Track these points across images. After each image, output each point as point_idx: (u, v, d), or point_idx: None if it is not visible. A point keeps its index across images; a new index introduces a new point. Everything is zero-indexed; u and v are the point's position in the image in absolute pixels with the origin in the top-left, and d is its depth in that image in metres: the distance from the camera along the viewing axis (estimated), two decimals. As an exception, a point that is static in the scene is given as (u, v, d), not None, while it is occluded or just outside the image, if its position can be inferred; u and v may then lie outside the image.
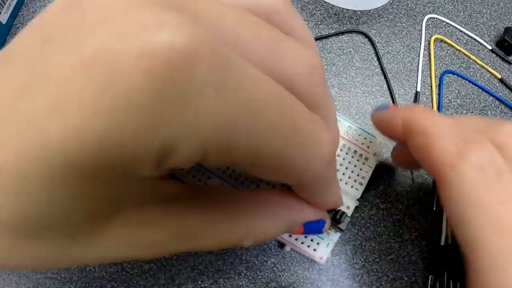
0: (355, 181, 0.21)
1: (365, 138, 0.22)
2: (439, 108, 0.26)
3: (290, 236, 0.20)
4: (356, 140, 0.22)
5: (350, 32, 0.28)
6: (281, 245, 0.22)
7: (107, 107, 0.08)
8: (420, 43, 0.28)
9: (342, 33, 0.28)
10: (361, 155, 0.21)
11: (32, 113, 0.08)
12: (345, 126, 0.22)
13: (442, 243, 0.21)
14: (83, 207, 0.10)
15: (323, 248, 0.20)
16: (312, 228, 0.17)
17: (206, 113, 0.09)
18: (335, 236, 0.20)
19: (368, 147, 0.22)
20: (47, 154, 0.08)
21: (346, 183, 0.21)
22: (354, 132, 0.22)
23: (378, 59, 0.27)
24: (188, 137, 0.09)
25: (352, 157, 0.21)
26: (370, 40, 0.28)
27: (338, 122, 0.22)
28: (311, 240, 0.20)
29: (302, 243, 0.20)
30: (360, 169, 0.21)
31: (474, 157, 0.14)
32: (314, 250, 0.20)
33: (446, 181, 0.14)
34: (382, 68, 0.27)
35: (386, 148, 0.24)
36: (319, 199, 0.16)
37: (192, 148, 0.09)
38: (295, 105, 0.11)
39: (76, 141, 0.08)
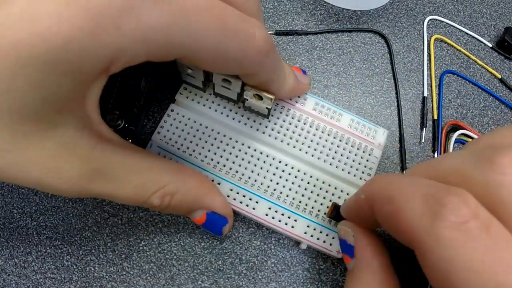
0: (363, 172, 0.22)
1: (369, 129, 0.23)
2: (439, 108, 0.26)
3: (285, 224, 0.21)
4: (361, 132, 0.22)
5: (367, 31, 0.28)
6: (297, 243, 0.22)
7: (70, 17, 0.11)
8: (423, 45, 0.28)
9: (356, 31, 0.28)
10: (366, 146, 0.22)
11: (6, 19, 0.10)
12: (348, 119, 0.22)
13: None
14: (38, 98, 0.12)
15: (338, 241, 0.20)
16: (213, 223, 0.19)
17: (147, 20, 0.12)
18: None
19: (372, 137, 0.22)
20: (16, 50, 0.10)
21: (354, 175, 0.22)
22: (357, 124, 0.23)
23: (391, 59, 0.27)
24: (133, 38, 0.12)
25: (358, 149, 0.22)
26: (385, 39, 0.28)
27: (340, 115, 0.22)
28: (326, 235, 0.21)
29: (318, 239, 0.21)
30: (367, 161, 0.22)
31: (451, 214, 0.12)
32: (331, 245, 0.21)
33: (424, 250, 0.12)
34: (393, 69, 0.27)
35: (390, 135, 0.24)
36: (276, 87, 0.19)
37: (138, 47, 0.12)
38: (226, 9, 0.14)
39: (41, 41, 0.10)
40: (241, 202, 0.20)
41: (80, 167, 0.14)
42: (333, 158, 0.22)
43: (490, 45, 0.28)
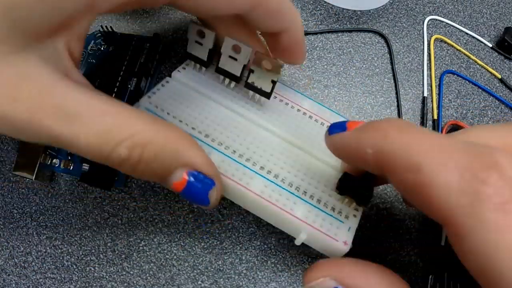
0: None
1: None
2: (439, 108, 0.26)
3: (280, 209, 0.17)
4: None
5: (367, 31, 0.28)
6: (294, 238, 0.19)
7: None
8: (423, 45, 0.28)
9: (356, 31, 0.28)
10: None
11: None
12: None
13: (443, 243, 0.21)
14: (9, 19, 0.11)
15: (343, 231, 0.17)
16: (197, 187, 0.15)
17: None
18: (354, 221, 0.18)
19: None
20: None
21: None
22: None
23: (391, 59, 0.27)
24: None
25: None
26: (385, 39, 0.28)
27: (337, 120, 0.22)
28: (330, 224, 0.17)
29: (321, 226, 0.17)
30: None
31: (494, 193, 0.10)
32: (335, 234, 0.17)
33: (464, 232, 0.11)
34: (393, 69, 0.27)
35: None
36: (279, 21, 0.18)
37: None
38: None
39: None
40: (233, 175, 0.18)
41: (40, 100, 0.12)
42: None
43: (490, 45, 0.28)
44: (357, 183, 0.17)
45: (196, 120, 0.19)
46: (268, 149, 0.19)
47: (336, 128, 0.15)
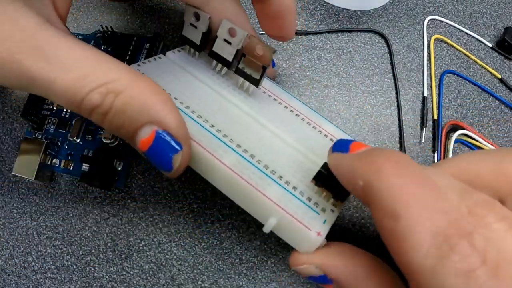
0: None
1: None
2: (439, 108, 0.26)
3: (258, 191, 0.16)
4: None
5: (367, 31, 0.28)
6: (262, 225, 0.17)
7: None
8: (423, 45, 0.28)
9: (356, 31, 0.28)
10: None
11: None
12: (331, 129, 0.21)
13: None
14: None
15: (318, 222, 0.16)
16: (163, 147, 0.14)
17: None
18: (331, 215, 0.17)
19: None
20: None
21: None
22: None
23: (391, 59, 0.27)
24: None
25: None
26: (385, 39, 0.28)
27: (321, 124, 0.21)
28: (304, 213, 0.16)
29: (295, 213, 0.16)
30: None
31: (460, 260, 0.10)
32: (309, 223, 0.15)
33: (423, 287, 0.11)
34: (393, 69, 0.27)
35: (390, 135, 0.24)
36: None
37: None
38: None
39: None
40: (206, 146, 0.17)
41: (21, 42, 0.13)
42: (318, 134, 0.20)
43: (490, 45, 0.28)
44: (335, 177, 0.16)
45: (180, 94, 0.19)
46: (248, 132, 0.19)
47: (339, 147, 0.15)
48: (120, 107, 0.14)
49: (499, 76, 0.27)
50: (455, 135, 0.25)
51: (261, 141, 0.19)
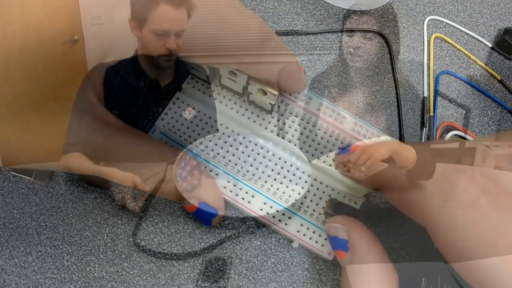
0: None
1: (371, 134, 0.23)
2: (434, 108, 0.26)
3: (279, 221, 0.21)
4: (363, 136, 0.23)
5: (367, 31, 0.28)
6: (290, 241, 0.22)
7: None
8: (423, 45, 0.28)
9: (356, 31, 0.28)
10: None
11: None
12: (352, 123, 0.23)
13: (436, 246, 0.21)
14: (35, 89, 0.13)
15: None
16: (204, 214, 0.20)
17: None
18: None
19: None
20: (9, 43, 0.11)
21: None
22: (360, 128, 0.23)
23: (391, 59, 0.27)
24: None
25: None
26: (385, 39, 0.28)
27: (344, 118, 0.23)
28: (319, 235, 0.21)
29: (310, 238, 0.21)
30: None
31: (463, 192, 0.12)
32: (322, 246, 0.21)
33: (437, 229, 0.12)
34: (393, 69, 0.27)
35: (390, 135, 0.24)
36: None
37: None
38: None
39: (34, 35, 0.11)
40: (237, 195, 0.21)
41: (83, 150, 0.15)
42: (333, 160, 0.22)
43: (490, 45, 0.28)
44: (341, 208, 0.21)
45: (206, 140, 0.22)
46: (271, 164, 0.22)
47: (343, 150, 0.20)
48: (169, 191, 0.20)
49: (499, 77, 0.27)
50: (448, 136, 0.25)
51: (283, 173, 0.22)
